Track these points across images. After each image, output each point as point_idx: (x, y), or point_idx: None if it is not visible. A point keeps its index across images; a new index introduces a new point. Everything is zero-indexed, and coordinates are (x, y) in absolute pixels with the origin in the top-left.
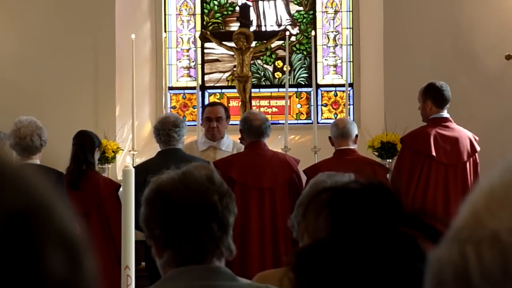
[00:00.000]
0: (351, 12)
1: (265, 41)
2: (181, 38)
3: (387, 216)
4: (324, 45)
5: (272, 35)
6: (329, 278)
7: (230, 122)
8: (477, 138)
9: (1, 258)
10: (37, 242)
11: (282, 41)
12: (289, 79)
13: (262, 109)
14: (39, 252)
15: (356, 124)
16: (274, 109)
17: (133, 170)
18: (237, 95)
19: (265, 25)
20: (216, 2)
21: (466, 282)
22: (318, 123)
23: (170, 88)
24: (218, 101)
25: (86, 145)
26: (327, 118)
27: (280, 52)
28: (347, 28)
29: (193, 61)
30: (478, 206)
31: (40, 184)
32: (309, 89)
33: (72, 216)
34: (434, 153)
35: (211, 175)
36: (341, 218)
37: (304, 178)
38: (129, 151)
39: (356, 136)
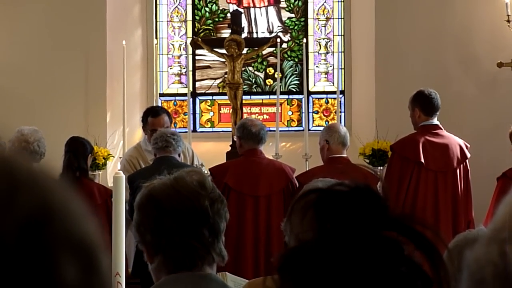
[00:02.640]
0: (342, 19)
1: (256, 48)
2: (172, 45)
3: (372, 219)
4: (316, 52)
5: (263, 42)
6: (313, 281)
7: (221, 129)
8: (468, 145)
9: (13, 265)
10: (50, 248)
11: (274, 48)
12: (280, 86)
13: (253, 116)
14: (53, 259)
15: None
16: (265, 116)
17: (123, 176)
18: (228, 102)
19: (257, 32)
20: (207, 9)
21: (506, 281)
22: (309, 130)
23: (161, 95)
24: (160, 106)
25: (79, 152)
26: (318, 125)
27: (272, 59)
28: (338, 35)
29: (184, 68)
30: None
31: (56, 188)
32: (300, 96)
33: (90, 220)
34: (423, 160)
35: (202, 180)
36: (326, 220)
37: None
38: (120, 157)
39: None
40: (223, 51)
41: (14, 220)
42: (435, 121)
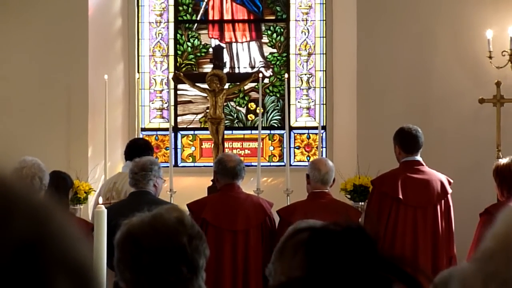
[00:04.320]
0: (324, 55)
1: (238, 83)
2: (154, 79)
3: (362, 260)
4: (297, 87)
5: (245, 77)
6: None
7: (203, 164)
8: (451, 181)
9: (8, 287)
10: (45, 270)
11: (255, 83)
12: (262, 121)
13: (234, 151)
14: (47, 280)
15: (334, 167)
16: (247, 151)
17: (105, 211)
18: (210, 136)
19: (239, 67)
20: (189, 44)
21: None
22: (290, 165)
23: (143, 129)
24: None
25: (60, 187)
26: (300, 161)
27: (253, 94)
28: (320, 70)
29: (166, 103)
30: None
31: (51, 211)
32: (282, 132)
33: (84, 244)
34: (401, 196)
35: (181, 217)
36: (316, 259)
37: (277, 219)
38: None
39: (333, 180)
40: (205, 86)
41: (8, 242)
42: (417, 157)
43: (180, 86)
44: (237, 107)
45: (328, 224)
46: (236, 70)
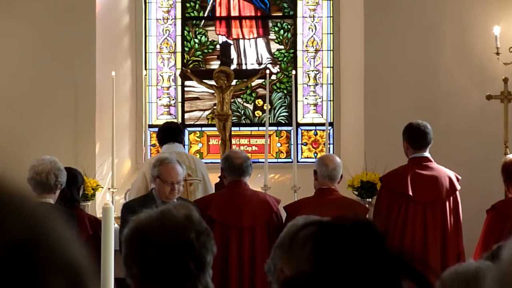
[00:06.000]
0: (331, 51)
1: (245, 80)
2: (162, 76)
3: (371, 255)
4: (305, 84)
5: (252, 73)
6: None
7: (210, 160)
8: (459, 177)
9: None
10: (39, 273)
11: (263, 80)
12: (269, 117)
13: (242, 148)
14: (41, 281)
15: (341, 163)
16: (254, 148)
17: (112, 207)
18: (217, 133)
19: (246, 64)
20: (196, 40)
21: None
22: (298, 162)
23: (150, 126)
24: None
25: (72, 183)
26: (307, 157)
27: (261, 91)
28: (327, 67)
29: (173, 99)
30: None
31: (44, 215)
32: (289, 128)
33: (79, 246)
34: (411, 193)
35: (189, 213)
36: (325, 253)
37: (284, 215)
38: (109, 188)
39: (341, 177)
40: (212, 82)
41: (2, 243)
42: (425, 153)
43: (187, 82)
44: (244, 104)
45: (337, 218)
46: (243, 67)
